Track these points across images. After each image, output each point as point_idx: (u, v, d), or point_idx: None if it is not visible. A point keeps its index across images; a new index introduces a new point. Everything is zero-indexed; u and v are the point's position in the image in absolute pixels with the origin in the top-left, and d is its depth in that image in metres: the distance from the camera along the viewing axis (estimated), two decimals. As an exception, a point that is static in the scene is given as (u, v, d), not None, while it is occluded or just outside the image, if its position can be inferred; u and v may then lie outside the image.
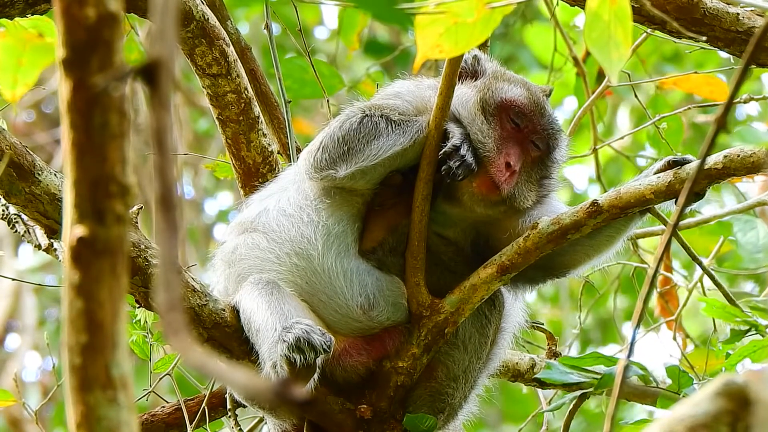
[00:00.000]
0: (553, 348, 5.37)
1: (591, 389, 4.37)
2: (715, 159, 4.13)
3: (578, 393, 4.46)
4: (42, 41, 3.38)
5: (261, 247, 4.41)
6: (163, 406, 5.03)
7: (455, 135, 4.27)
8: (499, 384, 9.13)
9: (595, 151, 5.86)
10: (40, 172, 4.25)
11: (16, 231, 4.66)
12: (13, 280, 8.24)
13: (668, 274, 6.05)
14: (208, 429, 5.03)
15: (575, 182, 9.39)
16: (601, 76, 6.09)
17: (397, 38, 9.81)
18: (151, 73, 2.09)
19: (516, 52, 9.43)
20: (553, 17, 5.39)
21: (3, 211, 4.69)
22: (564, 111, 7.63)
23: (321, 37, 10.77)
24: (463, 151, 4.23)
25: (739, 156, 4.11)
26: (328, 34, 10.56)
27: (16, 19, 4.31)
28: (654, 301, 6.22)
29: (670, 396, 4.34)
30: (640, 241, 6.00)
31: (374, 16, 3.01)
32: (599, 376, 4.33)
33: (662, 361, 4.42)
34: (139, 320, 4.89)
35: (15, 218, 4.65)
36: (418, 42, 3.40)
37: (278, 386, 1.97)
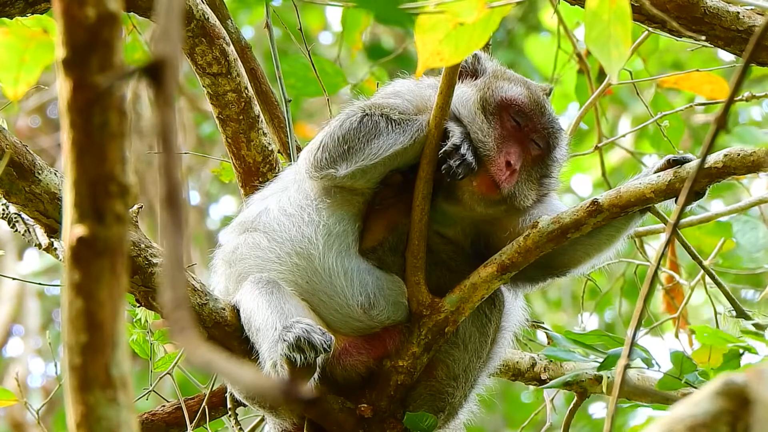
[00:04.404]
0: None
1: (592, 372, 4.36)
2: (715, 158, 4.13)
3: (574, 373, 4.45)
4: (46, 38, 3.38)
5: (261, 247, 4.41)
6: (164, 405, 5.03)
7: (455, 134, 4.27)
8: (502, 389, 9.11)
9: (598, 148, 5.85)
10: (40, 172, 4.25)
11: (16, 230, 4.66)
12: (14, 279, 8.24)
13: (672, 273, 6.04)
14: (209, 428, 5.03)
15: (579, 188, 9.40)
16: (601, 74, 6.09)
17: (401, 43, 9.83)
18: (155, 71, 2.09)
19: (518, 59, 9.43)
20: (556, 12, 5.39)
21: (3, 210, 4.69)
22: (568, 116, 7.64)
23: (325, 42, 10.80)
24: (463, 150, 4.23)
25: (739, 155, 4.11)
26: (333, 39, 10.59)
27: (19, 19, 4.31)
28: (660, 298, 6.21)
29: (672, 381, 4.32)
30: (647, 241, 5.99)
31: (376, 17, 3.01)
32: (604, 357, 4.32)
33: (665, 354, 4.40)
34: (140, 319, 4.90)
35: (15, 217, 4.65)
36: (418, 49, 3.40)
37: (285, 384, 1.97)
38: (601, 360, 4.32)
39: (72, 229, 2.20)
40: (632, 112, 9.17)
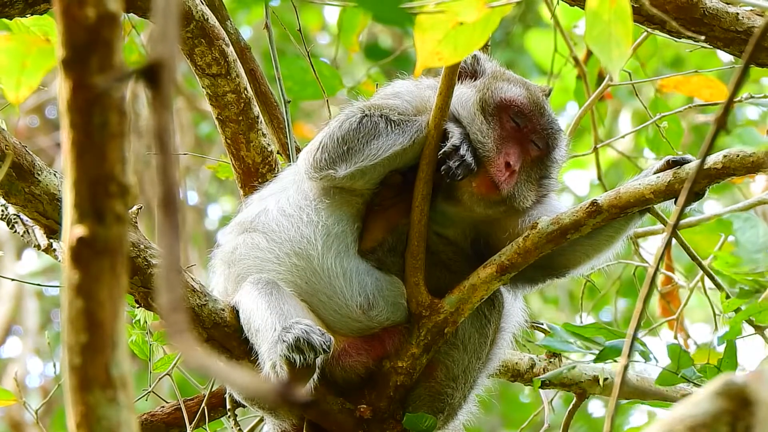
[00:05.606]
0: (553, 348, 5.36)
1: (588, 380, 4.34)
2: (714, 159, 4.13)
3: (572, 364, 4.43)
4: (47, 44, 3.39)
5: (261, 247, 4.41)
6: (163, 406, 5.03)
7: (455, 135, 4.27)
8: (499, 389, 9.12)
9: (595, 150, 5.85)
10: (39, 172, 4.25)
11: (15, 231, 4.66)
12: (13, 280, 8.24)
13: (670, 274, 6.04)
14: (208, 429, 5.03)
15: (576, 187, 9.40)
16: (601, 78, 6.09)
17: (398, 43, 9.83)
18: (152, 73, 2.09)
19: (516, 58, 9.45)
20: (554, 17, 5.39)
21: (2, 211, 4.68)
22: (566, 116, 7.65)
23: (323, 42, 10.80)
24: (462, 151, 4.23)
25: (738, 156, 4.11)
26: (330, 39, 10.59)
27: (19, 19, 4.30)
28: (655, 302, 6.21)
29: (670, 377, 4.31)
30: (643, 243, 5.99)
31: (374, 17, 3.00)
32: (601, 348, 4.30)
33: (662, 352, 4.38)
34: (139, 320, 4.89)
35: (14, 218, 4.64)
36: (417, 49, 3.40)
37: (280, 387, 1.97)
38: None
39: (72, 229, 2.20)
40: (631, 106, 9.16)
